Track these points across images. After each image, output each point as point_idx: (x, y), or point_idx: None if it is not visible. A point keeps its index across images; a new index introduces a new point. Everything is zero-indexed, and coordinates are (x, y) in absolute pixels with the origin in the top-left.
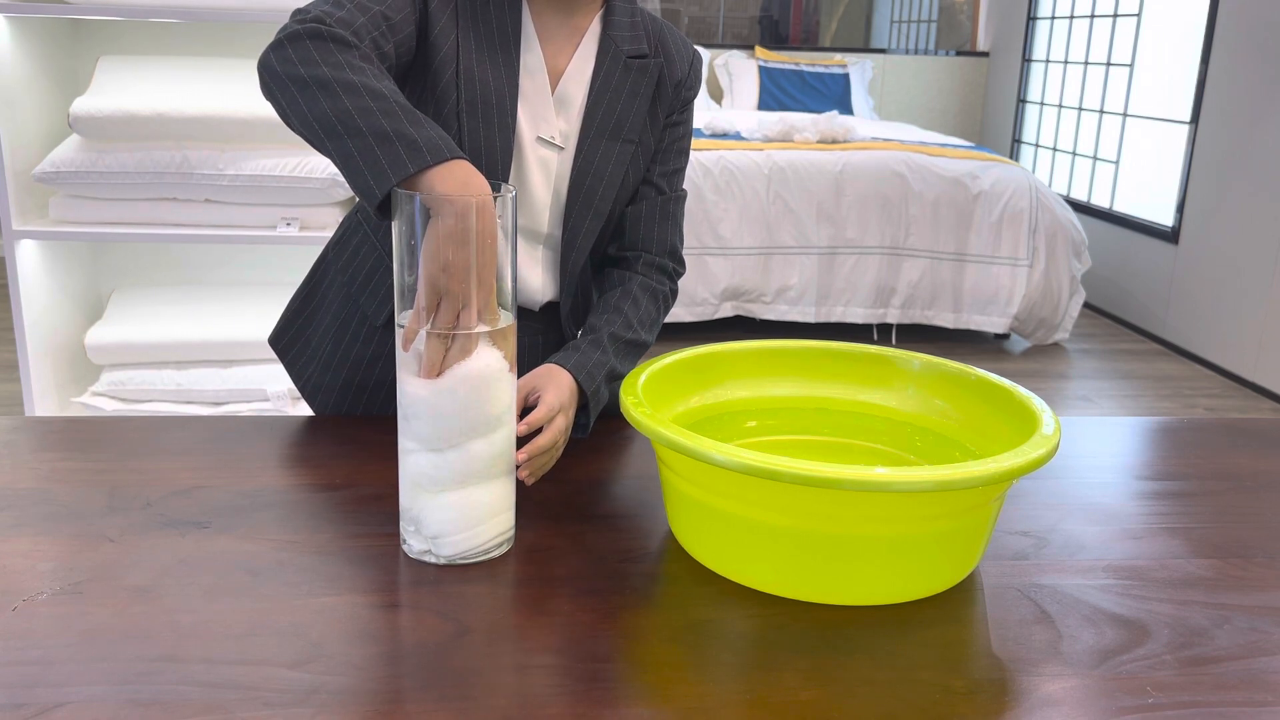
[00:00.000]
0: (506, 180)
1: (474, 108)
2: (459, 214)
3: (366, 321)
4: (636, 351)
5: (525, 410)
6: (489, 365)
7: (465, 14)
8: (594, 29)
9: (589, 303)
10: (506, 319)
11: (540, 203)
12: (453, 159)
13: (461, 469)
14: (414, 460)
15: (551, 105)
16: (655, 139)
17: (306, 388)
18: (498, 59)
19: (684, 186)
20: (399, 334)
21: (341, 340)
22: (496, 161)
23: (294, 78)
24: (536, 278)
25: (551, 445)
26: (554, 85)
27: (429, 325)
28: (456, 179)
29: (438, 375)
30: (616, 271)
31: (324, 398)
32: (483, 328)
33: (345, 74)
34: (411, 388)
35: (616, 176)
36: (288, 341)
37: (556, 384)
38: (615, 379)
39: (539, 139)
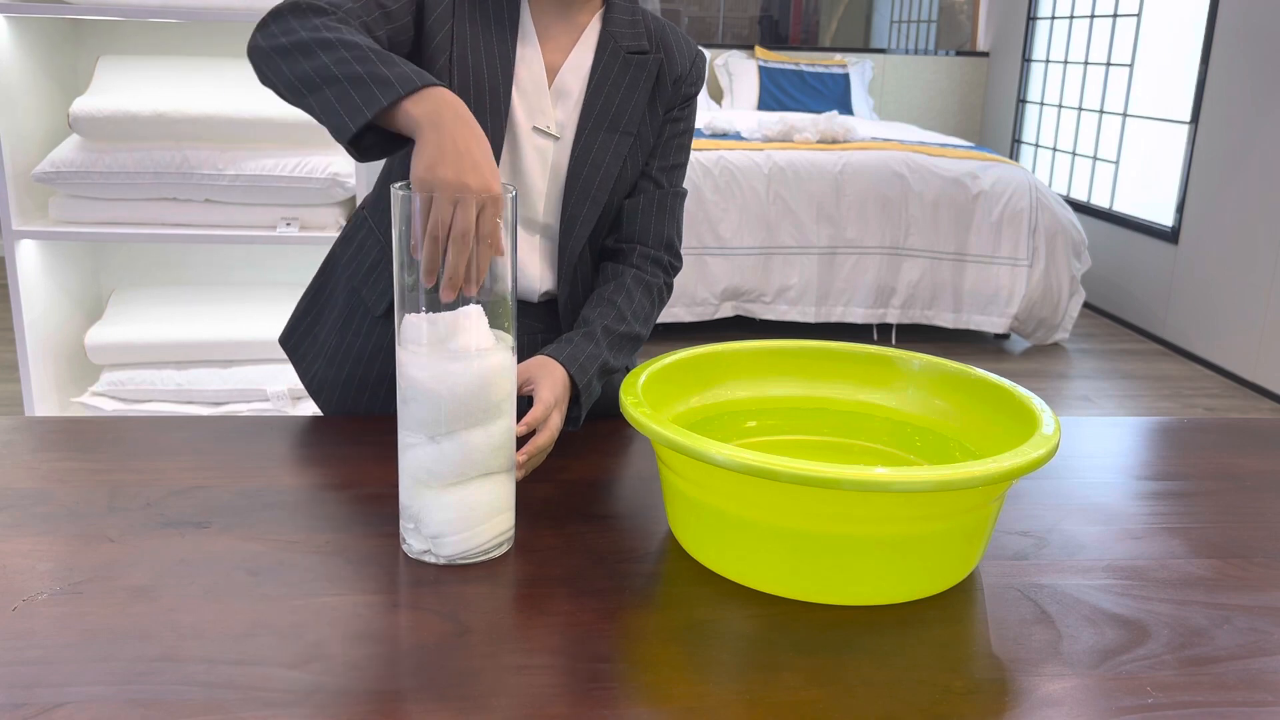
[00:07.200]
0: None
1: (466, 93)
2: (435, 125)
3: (368, 314)
4: (630, 344)
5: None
6: (487, 349)
7: (463, 5)
8: (594, 26)
9: (588, 296)
10: (507, 339)
11: (536, 191)
12: (424, 86)
13: (461, 461)
14: (414, 455)
15: (548, 96)
16: (654, 133)
17: (312, 385)
18: (493, 49)
19: (684, 186)
20: (398, 331)
21: (345, 334)
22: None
23: (275, 47)
24: (534, 266)
25: (549, 444)
26: (551, 79)
27: (431, 271)
28: (430, 102)
29: (457, 292)
30: (611, 265)
31: (328, 394)
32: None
33: (321, 34)
34: (410, 370)
35: (614, 167)
36: (296, 340)
37: (550, 378)
38: (608, 372)
39: (535, 129)
